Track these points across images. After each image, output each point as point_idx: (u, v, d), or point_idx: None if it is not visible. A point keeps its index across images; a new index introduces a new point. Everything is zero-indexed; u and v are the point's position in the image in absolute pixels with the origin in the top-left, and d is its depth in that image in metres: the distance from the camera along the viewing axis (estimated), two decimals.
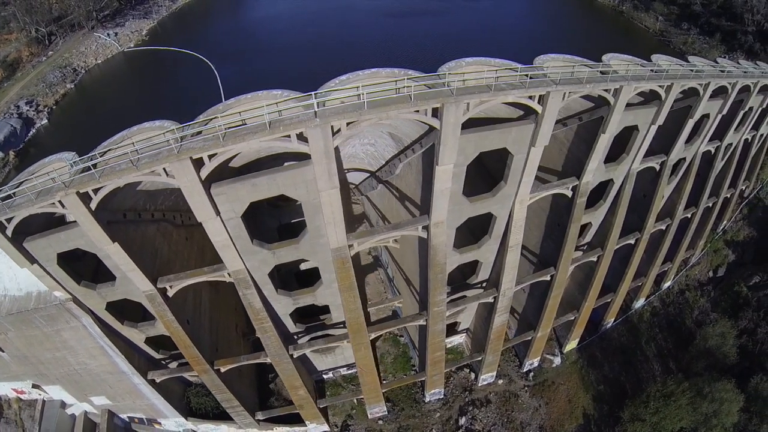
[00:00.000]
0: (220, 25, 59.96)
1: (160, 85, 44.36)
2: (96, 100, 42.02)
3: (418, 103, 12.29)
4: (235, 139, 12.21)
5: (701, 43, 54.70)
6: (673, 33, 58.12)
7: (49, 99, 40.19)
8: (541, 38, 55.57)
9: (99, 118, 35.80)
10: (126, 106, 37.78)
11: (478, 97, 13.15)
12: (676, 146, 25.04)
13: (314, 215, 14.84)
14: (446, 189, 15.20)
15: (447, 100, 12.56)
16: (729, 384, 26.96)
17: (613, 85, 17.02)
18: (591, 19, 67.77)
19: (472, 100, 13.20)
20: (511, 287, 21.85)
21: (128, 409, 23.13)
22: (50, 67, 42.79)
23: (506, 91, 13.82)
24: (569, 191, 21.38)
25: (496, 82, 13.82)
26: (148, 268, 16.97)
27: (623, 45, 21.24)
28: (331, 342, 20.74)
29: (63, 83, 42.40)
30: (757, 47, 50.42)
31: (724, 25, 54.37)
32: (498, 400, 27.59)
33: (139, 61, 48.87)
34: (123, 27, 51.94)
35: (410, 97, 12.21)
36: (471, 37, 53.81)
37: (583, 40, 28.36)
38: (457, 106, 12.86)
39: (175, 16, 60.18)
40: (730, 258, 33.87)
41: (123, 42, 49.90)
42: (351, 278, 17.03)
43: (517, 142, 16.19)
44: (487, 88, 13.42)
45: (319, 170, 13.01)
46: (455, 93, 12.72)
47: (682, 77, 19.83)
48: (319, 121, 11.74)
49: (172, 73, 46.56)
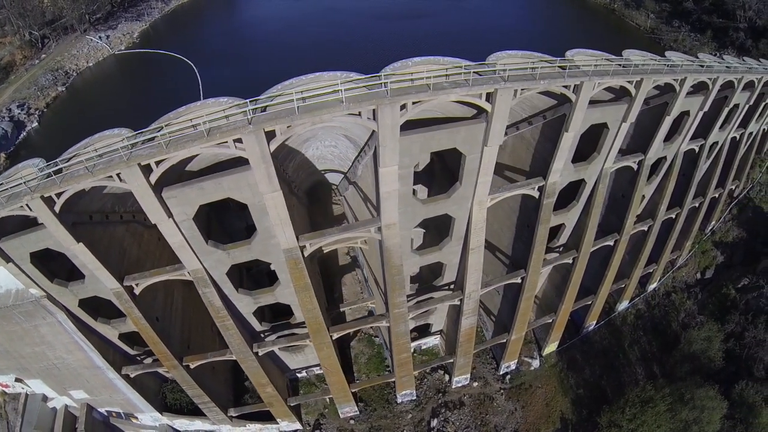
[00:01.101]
0: (211, 28, 62.17)
1: (148, 87, 46.51)
2: (86, 103, 44.46)
3: (350, 106, 13.10)
4: (177, 146, 13.43)
5: (692, 41, 55.04)
6: (664, 30, 59.18)
7: (40, 102, 42.66)
8: (529, 38, 55.99)
9: (88, 121, 37.93)
10: (115, 109, 39.98)
11: (414, 97, 13.66)
12: (654, 145, 25.10)
13: (261, 217, 15.98)
14: (393, 191, 16.03)
15: (381, 101, 13.27)
16: (712, 390, 27.03)
17: (573, 81, 17.06)
18: (582, 18, 68.83)
19: (409, 101, 13.77)
20: (477, 289, 22.52)
21: (106, 404, 24.77)
22: (42, 70, 45.45)
23: (447, 90, 14.11)
24: (535, 192, 21.77)
25: (446, 80, 14.19)
26: (115, 266, 18.39)
27: (613, 43, 21.45)
28: (294, 341, 21.90)
29: (54, 86, 44.87)
30: (749, 44, 50.35)
31: (715, 22, 54.76)
32: (472, 403, 28.34)
33: (129, 63, 51.35)
34: (115, 30, 54.42)
35: (342, 101, 13.11)
36: (460, 38, 54.56)
37: (574, 39, 28.49)
38: (392, 108, 13.50)
39: (167, 18, 62.55)
40: (719, 259, 33.75)
41: (114, 45, 52.36)
42: (305, 279, 18.12)
43: (468, 142, 16.49)
44: (426, 88, 13.86)
45: (259, 174, 14.11)
46: (390, 94, 13.39)
47: (653, 72, 19.73)
48: (252, 127, 12.83)
49: (160, 76, 48.79)
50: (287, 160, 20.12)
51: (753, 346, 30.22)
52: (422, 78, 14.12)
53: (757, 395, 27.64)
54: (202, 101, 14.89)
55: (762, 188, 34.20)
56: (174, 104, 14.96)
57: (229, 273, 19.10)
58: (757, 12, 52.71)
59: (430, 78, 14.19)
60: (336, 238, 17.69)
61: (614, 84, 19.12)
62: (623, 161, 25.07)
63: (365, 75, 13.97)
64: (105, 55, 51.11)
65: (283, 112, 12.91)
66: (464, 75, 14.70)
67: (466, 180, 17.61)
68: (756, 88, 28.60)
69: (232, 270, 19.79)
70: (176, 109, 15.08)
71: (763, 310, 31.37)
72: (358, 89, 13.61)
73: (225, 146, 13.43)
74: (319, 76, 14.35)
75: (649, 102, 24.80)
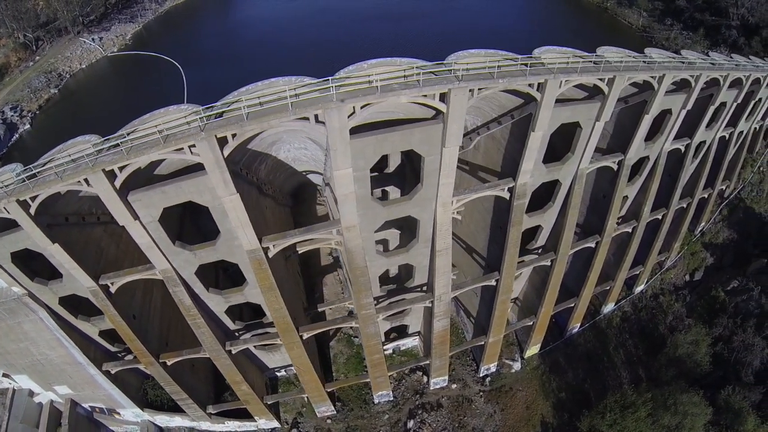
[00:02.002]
0: (203, 29, 64.04)
1: (138, 89, 48.40)
2: (78, 105, 46.57)
3: (296, 111, 14.03)
4: (137, 153, 14.63)
5: (684, 39, 55.46)
6: (656, 29, 60.05)
7: (33, 104, 44.78)
8: (518, 38, 56.52)
9: (79, 123, 39.88)
10: (106, 110, 41.85)
11: (362, 100, 14.36)
12: (634, 144, 25.19)
13: (222, 219, 17.11)
14: (350, 194, 16.94)
15: (327, 105, 14.15)
16: (696, 395, 27.31)
17: (536, 79, 17.23)
18: (575, 17, 69.82)
19: (357, 104, 14.49)
20: (447, 292, 23.28)
21: (89, 399, 26.29)
22: (36, 72, 47.69)
23: (396, 91, 14.64)
24: (506, 193, 22.29)
25: (404, 81, 14.61)
26: (91, 266, 19.73)
27: (605, 42, 21.52)
28: (266, 340, 23.05)
29: (47, 88, 47.04)
30: (741, 42, 50.37)
31: (708, 20, 55.24)
32: (450, 405, 29.14)
33: (121, 65, 53.51)
34: (108, 31, 56.58)
35: (289, 106, 14.05)
36: (447, 38, 55.32)
37: (565, 38, 28.90)
38: (339, 111, 14.29)
39: (160, 19, 64.60)
40: (708, 261, 33.87)
41: (107, 46, 54.54)
42: (270, 279, 19.21)
43: (426, 143, 16.93)
44: (374, 90, 14.56)
45: (214, 179, 15.22)
46: (336, 98, 14.19)
47: (626, 69, 19.72)
48: (204, 134, 13.94)
49: (150, 77, 50.80)
50: (256, 163, 21.22)
51: (741, 350, 30.38)
52: (374, 80, 14.44)
53: (744, 401, 27.84)
54: (164, 108, 16.04)
55: (753, 188, 34.19)
56: (160, 105, 15.92)
57: (202, 272, 20.30)
58: (750, 9, 52.98)
59: (385, 80, 14.62)
60: (299, 240, 18.73)
61: (586, 82, 19.13)
62: (601, 161, 25.30)
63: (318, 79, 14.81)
64: (98, 57, 53.36)
65: (233, 119, 13.97)
66: (422, 75, 15.00)
67: (427, 182, 18.36)
68: (744, 86, 28.57)
69: (206, 270, 21.00)
70: (141, 116, 16.31)
71: (752, 313, 31.49)
72: (311, 93, 14.53)
73: (182, 152, 14.57)
74: (274, 81, 15.33)
75: (627, 100, 25.09)
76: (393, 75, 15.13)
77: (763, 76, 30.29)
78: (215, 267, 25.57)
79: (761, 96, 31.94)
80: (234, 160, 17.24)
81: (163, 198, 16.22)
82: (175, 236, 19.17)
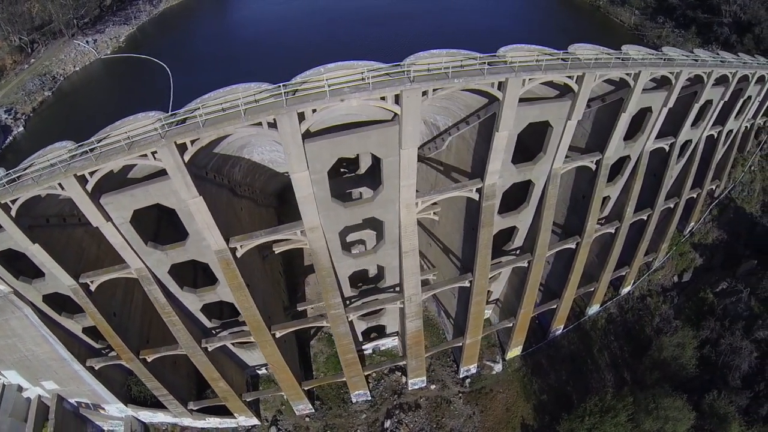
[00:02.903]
0: (195, 31, 66.25)
1: (129, 91, 50.69)
2: (71, 107, 49.03)
3: (249, 118, 15.33)
4: (105, 159, 16.15)
5: (676, 36, 56.48)
6: (648, 27, 61.44)
7: (27, 107, 47.31)
8: (508, 38, 57.69)
9: (72, 125, 42.09)
10: (98, 112, 43.97)
11: (310, 105, 15.41)
12: (612, 143, 25.42)
13: (189, 221, 18.56)
14: (308, 195, 18.18)
15: (278, 111, 15.35)
16: (679, 400, 27.84)
17: (495, 78, 17.59)
18: (567, 15, 71.14)
19: (307, 109, 15.56)
20: (417, 293, 24.33)
21: (75, 394, 28.13)
22: (30, 75, 50.27)
23: (347, 95, 15.55)
24: (474, 194, 23.23)
25: (362, 83, 15.39)
26: (72, 265, 21.41)
27: (595, 40, 21.99)
28: (240, 338, 24.52)
29: (41, 91, 49.57)
30: (734, 39, 50.88)
31: (700, 18, 56.32)
32: (428, 406, 30.24)
33: (114, 67, 56.03)
34: (103, 33, 59.15)
35: (242, 113, 15.38)
36: (440, 38, 56.41)
37: (554, 37, 29.53)
38: (290, 117, 15.51)
39: (155, 21, 67.23)
40: (698, 262, 34.25)
41: (101, 49, 57.08)
42: (238, 278, 20.62)
43: (382, 145, 17.81)
44: (323, 95, 15.45)
45: (177, 183, 16.65)
46: (287, 104, 15.31)
47: (597, 66, 20.02)
48: (164, 141, 15.37)
49: (141, 79, 53.15)
50: (228, 166, 22.65)
51: (729, 353, 30.73)
52: (325, 85, 15.27)
53: (730, 406, 28.24)
54: (134, 116, 17.56)
55: (744, 188, 34.44)
56: (148, 108, 17.20)
57: (179, 271, 21.83)
58: (742, 6, 53.50)
59: (341, 84, 15.50)
60: (264, 240, 20.10)
61: (555, 80, 19.55)
62: (577, 161, 25.81)
63: (274, 85, 16.03)
64: (91, 59, 55.95)
65: (191, 126, 15.39)
66: (378, 78, 15.78)
67: (387, 183, 19.45)
68: (730, 84, 28.87)
69: (184, 268, 22.49)
70: (113, 123, 17.85)
71: (741, 315, 31.82)
72: (269, 99, 15.78)
73: (146, 158, 16.04)
74: (235, 88, 16.63)
75: (604, 98, 25.64)
76: (350, 78, 15.98)
77: (751, 73, 30.50)
78: (194, 266, 27.12)
79: (750, 94, 32.18)
80: (199, 164, 18.69)
81: (133, 201, 17.74)
82: (151, 236, 20.75)
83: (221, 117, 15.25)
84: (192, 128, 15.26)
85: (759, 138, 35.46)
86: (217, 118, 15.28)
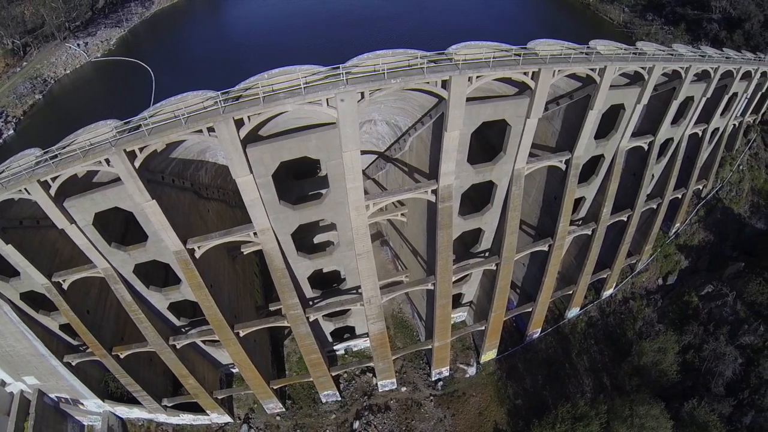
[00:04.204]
0: (185, 34, 69.58)
1: (117, 94, 53.93)
2: (61, 110, 52.53)
3: (189, 126, 17.17)
4: (64, 165, 18.39)
5: (665, 33, 58.21)
6: (637, 24, 64.06)
7: (17, 110, 51.02)
8: (491, 37, 59.19)
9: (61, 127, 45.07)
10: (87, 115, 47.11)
11: (246, 112, 17.01)
12: (581, 142, 26.11)
13: (146, 223, 20.73)
14: (255, 198, 20.08)
15: (216, 119, 17.13)
16: (656, 407, 28.66)
17: (438, 76, 18.19)
18: (557, 14, 73.02)
19: (244, 115, 17.14)
20: (376, 295, 25.94)
21: (55, 390, 30.83)
22: (22, 78, 54.11)
23: (280, 101, 16.90)
24: (430, 195, 24.61)
25: (297, 87, 16.84)
26: (45, 265, 23.91)
27: (584, 38, 22.75)
28: (205, 336, 26.66)
29: (32, 94, 53.30)
30: (723, 35, 52.18)
31: (689, 14, 58.37)
32: (399, 408, 31.84)
33: (104, 70, 59.64)
34: (94, 36, 62.91)
35: (182, 121, 17.29)
36: (426, 38, 57.89)
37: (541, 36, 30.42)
38: (227, 124, 17.17)
39: (146, 23, 70.96)
40: (683, 264, 34.79)
41: (91, 52, 60.80)
42: (197, 278, 22.70)
43: (323, 149, 19.14)
44: (257, 101, 16.97)
45: (130, 188, 18.77)
46: (224, 111, 17.01)
47: (554, 62, 20.47)
48: (114, 149, 17.49)
49: (130, 82, 56.41)
50: (191, 170, 24.76)
51: (712, 359, 31.29)
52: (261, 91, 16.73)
53: (712, 414, 28.91)
54: (95, 124, 19.81)
55: (732, 188, 34.78)
56: (132, 109, 19.04)
57: (149, 270, 24.03)
58: (732, 2, 54.39)
59: (280, 89, 16.93)
60: (220, 241, 22.12)
61: (514, 77, 20.20)
62: (543, 161, 26.63)
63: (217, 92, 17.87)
64: (82, 62, 59.72)
65: (138, 134, 17.46)
66: (320, 81, 17.05)
67: (334, 186, 21.09)
68: (712, 79, 29.39)
69: (155, 267, 24.63)
70: (76, 131, 20.15)
71: (726, 320, 32.33)
72: (213, 105, 17.64)
73: (100, 165, 18.21)
74: (185, 96, 18.61)
75: (572, 96, 26.50)
76: (293, 83, 17.29)
77: (735, 69, 30.83)
78: (166, 265, 29.43)
79: (736, 90, 32.57)
80: (155, 169, 20.83)
81: (93, 204, 19.98)
82: (119, 237, 23.00)
83: (164, 125, 17.27)
84: (139, 136, 17.33)
85: (748, 136, 35.71)
86: (161, 127, 17.30)
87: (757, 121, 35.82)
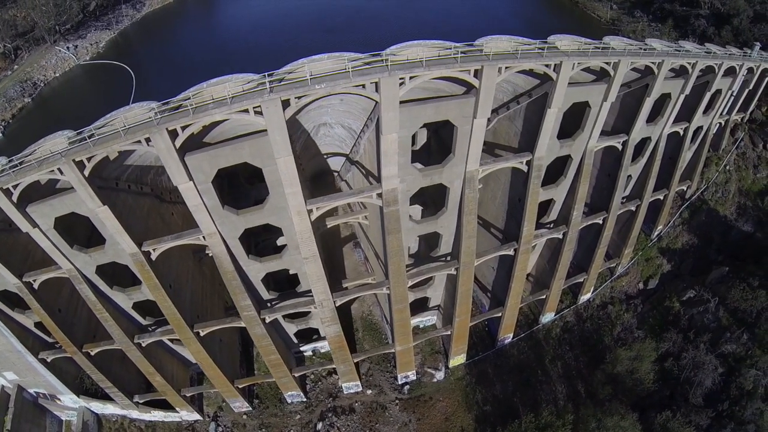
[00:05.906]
0: (174, 36, 73.47)
1: (103, 97, 58.11)
2: (49, 113, 57.08)
3: (128, 137, 19.86)
4: (23, 174, 21.52)
5: (652, 30, 59.84)
6: (625, 21, 66.79)
7: (7, 113, 55.74)
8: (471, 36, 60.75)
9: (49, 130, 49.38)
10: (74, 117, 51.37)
11: (177, 123, 19.44)
12: (541, 143, 27.29)
13: (102, 227, 23.76)
14: (198, 204, 22.74)
15: (150, 130, 19.86)
16: (628, 418, 29.86)
17: (365, 79, 19.21)
18: (544, 11, 75.60)
19: (177, 125, 19.57)
20: (327, 298, 28.23)
21: (33, 385, 34.64)
22: (12, 81, 58.92)
23: (209, 111, 19.13)
24: (375, 199, 26.43)
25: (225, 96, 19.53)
26: (17, 266, 27.38)
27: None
28: (168, 335, 29.71)
29: (21, 97, 58.02)
30: (711, 31, 52.75)
31: (677, 10, 59.99)
32: (363, 411, 34.21)
33: (92, 73, 64.26)
34: (84, 39, 67.51)
35: (121, 133, 19.92)
36: (412, 37, 59.91)
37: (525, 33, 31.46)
38: (161, 134, 19.67)
39: (137, 25, 75.31)
40: (665, 268, 35.58)
41: (80, 55, 65.39)
42: (153, 279, 25.65)
43: (257, 155, 21.20)
44: (187, 112, 19.40)
45: (82, 194, 21.73)
46: (158, 123, 19.50)
47: (498, 59, 21.29)
48: (64, 159, 20.44)
49: (116, 85, 60.61)
50: (151, 175, 27.73)
51: (691, 368, 32.09)
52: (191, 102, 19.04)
53: (688, 426, 29.92)
54: (54, 134, 22.91)
55: (718, 189, 35.32)
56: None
57: (112, 271, 27.17)
58: None
59: (216, 99, 19.59)
60: (173, 244, 24.97)
61: (454, 75, 21.09)
62: (500, 163, 28.30)
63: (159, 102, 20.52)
64: (71, 65, 64.48)
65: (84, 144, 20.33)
66: (250, 90, 19.21)
67: (273, 192, 23.44)
68: (690, 75, 30.15)
69: (121, 269, 27.80)
70: (38, 141, 23.31)
71: (707, 327, 33.02)
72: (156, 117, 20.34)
73: (54, 174, 21.25)
74: (134, 107, 21.34)
75: (531, 94, 27.75)
76: (232, 92, 19.44)
77: (717, 64, 31.48)
78: None
79: (720, 87, 33.17)
80: (108, 177, 23.80)
81: (52, 209, 23.13)
82: (85, 239, 26.16)
83: (106, 137, 20.11)
84: (85, 147, 20.24)
85: (735, 135, 36.13)
86: (104, 138, 20.15)
87: (744, 120, 36.14)
